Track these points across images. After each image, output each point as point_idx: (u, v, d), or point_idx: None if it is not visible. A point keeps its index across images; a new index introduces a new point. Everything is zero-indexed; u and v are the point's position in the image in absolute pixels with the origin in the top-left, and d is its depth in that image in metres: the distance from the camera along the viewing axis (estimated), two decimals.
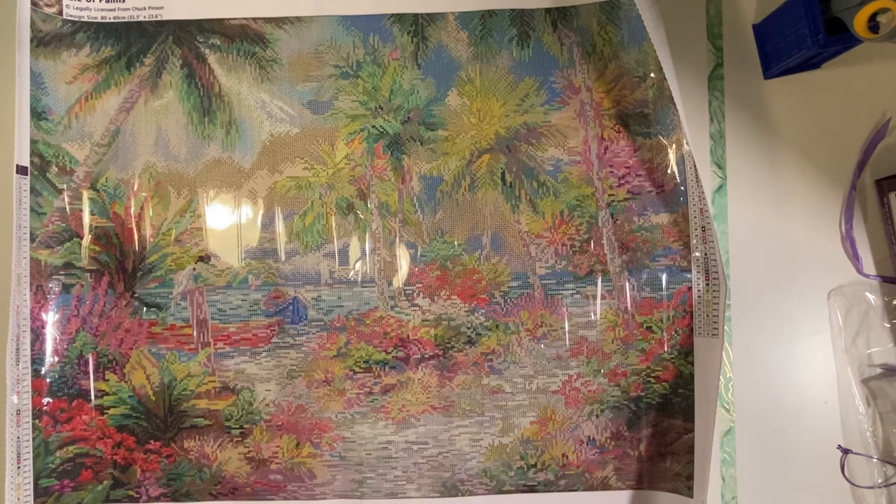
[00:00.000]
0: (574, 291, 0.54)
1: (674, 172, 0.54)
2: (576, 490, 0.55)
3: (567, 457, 0.54)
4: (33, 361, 0.53)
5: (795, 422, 0.54)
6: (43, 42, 0.55)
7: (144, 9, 0.56)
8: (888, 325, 0.54)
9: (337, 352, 0.55)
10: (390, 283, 0.55)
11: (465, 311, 0.55)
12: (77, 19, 0.55)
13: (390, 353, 0.55)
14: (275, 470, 0.55)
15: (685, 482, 0.52)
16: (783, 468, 0.54)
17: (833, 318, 0.55)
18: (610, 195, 0.55)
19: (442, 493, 0.55)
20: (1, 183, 0.55)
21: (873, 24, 0.44)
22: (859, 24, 0.44)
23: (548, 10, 0.55)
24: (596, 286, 0.54)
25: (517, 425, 0.55)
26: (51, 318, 0.54)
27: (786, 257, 0.55)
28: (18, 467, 0.52)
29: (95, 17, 0.55)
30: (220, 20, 0.56)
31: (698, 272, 0.54)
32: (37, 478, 0.53)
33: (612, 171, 0.55)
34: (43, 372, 0.54)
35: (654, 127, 0.54)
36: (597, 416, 0.54)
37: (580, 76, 0.55)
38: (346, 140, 0.55)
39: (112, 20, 0.55)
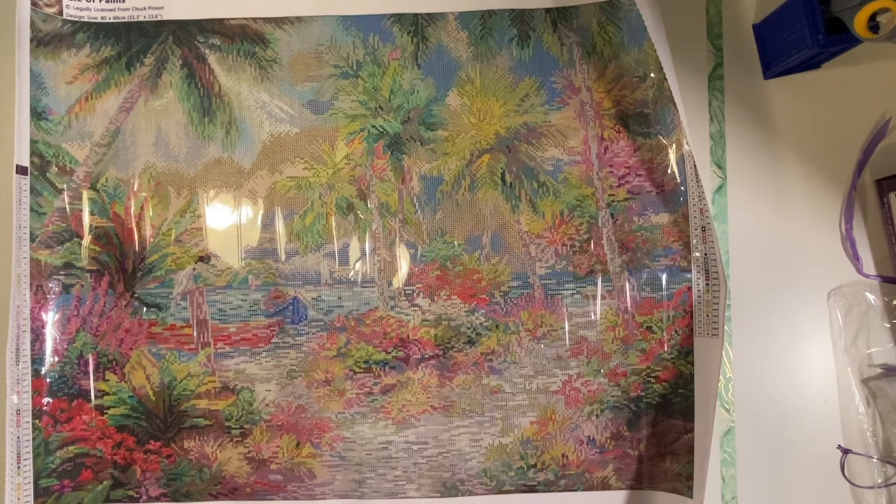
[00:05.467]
0: (574, 291, 0.54)
1: (674, 172, 0.54)
2: (576, 490, 0.55)
3: (567, 457, 0.54)
4: (33, 361, 0.53)
5: (795, 422, 0.54)
6: (43, 42, 0.55)
7: (144, 9, 0.56)
8: (888, 325, 0.54)
9: (337, 352, 0.55)
10: (390, 283, 0.55)
11: (465, 311, 0.55)
12: (77, 19, 0.55)
13: (390, 353, 0.55)
14: (275, 470, 0.55)
15: (685, 482, 0.52)
16: (783, 468, 0.54)
17: (833, 318, 0.55)
18: (610, 195, 0.55)
19: (442, 493, 0.55)
20: (1, 183, 0.55)
21: (873, 24, 0.44)
22: (859, 24, 0.44)
23: (548, 10, 0.55)
24: (596, 286, 0.54)
25: (517, 425, 0.55)
26: (51, 318, 0.54)
27: (786, 257, 0.55)
28: (18, 467, 0.52)
29: (95, 17, 0.55)
30: (220, 20, 0.56)
31: (698, 272, 0.54)
32: (37, 478, 0.53)
33: (612, 171, 0.55)
34: (43, 372, 0.54)
35: (654, 127, 0.54)
36: (597, 416, 0.54)
37: (580, 76, 0.55)
38: (346, 140, 0.55)
39: (112, 20, 0.55)
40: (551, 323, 0.54)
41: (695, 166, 0.52)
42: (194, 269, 0.55)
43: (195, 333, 0.55)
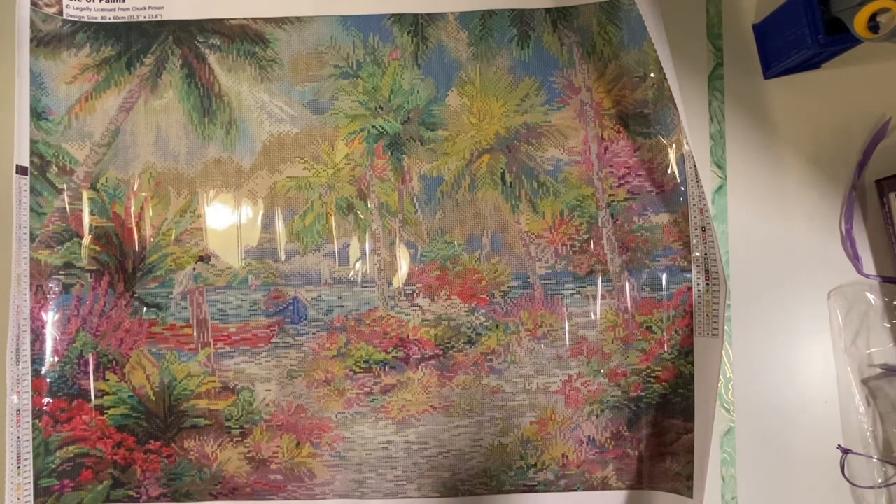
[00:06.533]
0: (574, 291, 0.54)
1: (674, 172, 0.54)
2: (576, 490, 0.55)
3: (567, 457, 0.54)
4: (33, 361, 0.53)
5: (795, 422, 0.54)
6: (43, 42, 0.55)
7: (144, 9, 0.56)
8: (888, 325, 0.54)
9: (337, 352, 0.55)
10: (390, 283, 0.55)
11: (465, 311, 0.55)
12: (77, 19, 0.55)
13: (390, 353, 0.55)
14: (275, 470, 0.55)
15: (685, 482, 0.52)
16: (783, 468, 0.54)
17: (833, 318, 0.55)
18: (610, 195, 0.55)
19: (442, 493, 0.55)
20: (1, 183, 0.55)
21: (873, 24, 0.44)
22: (859, 24, 0.44)
23: (548, 10, 0.55)
24: (596, 286, 0.54)
25: (517, 425, 0.55)
26: (51, 318, 0.54)
27: (786, 257, 0.55)
28: (18, 467, 0.52)
29: (95, 17, 0.55)
30: (220, 20, 0.56)
31: (698, 272, 0.54)
32: (37, 478, 0.53)
33: (612, 171, 0.55)
34: (43, 372, 0.54)
35: (654, 127, 0.54)
36: (597, 416, 0.54)
37: (580, 76, 0.55)
38: (346, 140, 0.55)
39: (112, 20, 0.55)
40: (551, 323, 0.54)
41: (695, 166, 0.52)
42: (194, 269, 0.55)
43: (195, 333, 0.55)
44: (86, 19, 0.55)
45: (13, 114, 0.53)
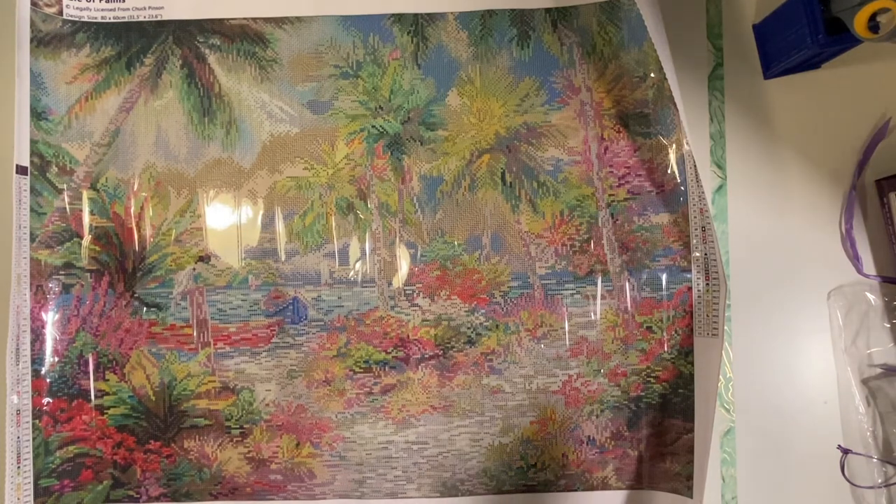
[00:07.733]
0: (574, 291, 0.54)
1: (674, 172, 0.54)
2: (576, 490, 0.55)
3: (567, 457, 0.54)
4: (33, 361, 0.53)
5: (795, 422, 0.54)
6: (43, 42, 0.55)
7: (144, 9, 0.56)
8: (888, 325, 0.54)
9: (337, 352, 0.55)
10: (390, 283, 0.55)
11: (465, 311, 0.55)
12: (77, 19, 0.55)
13: (390, 353, 0.55)
14: (275, 470, 0.55)
15: (685, 482, 0.52)
16: (783, 468, 0.54)
17: (833, 318, 0.55)
18: (610, 195, 0.55)
19: (442, 493, 0.55)
20: (1, 183, 0.55)
21: (873, 24, 0.44)
22: (859, 24, 0.44)
23: (548, 10, 0.55)
24: (596, 286, 0.54)
25: (517, 425, 0.55)
26: (51, 318, 0.54)
27: (786, 257, 0.55)
28: (18, 467, 0.52)
29: (95, 17, 0.55)
30: (220, 20, 0.56)
31: (698, 272, 0.54)
32: (37, 478, 0.53)
33: (612, 171, 0.55)
34: (43, 372, 0.54)
35: (654, 127, 0.54)
36: (597, 416, 0.54)
37: (580, 76, 0.55)
38: (346, 140, 0.55)
39: (112, 20, 0.55)
40: (551, 323, 0.54)
41: (695, 166, 0.52)
42: (194, 269, 0.55)
43: (195, 333, 0.55)
44: (86, 19, 0.55)
45: (13, 114, 0.54)
